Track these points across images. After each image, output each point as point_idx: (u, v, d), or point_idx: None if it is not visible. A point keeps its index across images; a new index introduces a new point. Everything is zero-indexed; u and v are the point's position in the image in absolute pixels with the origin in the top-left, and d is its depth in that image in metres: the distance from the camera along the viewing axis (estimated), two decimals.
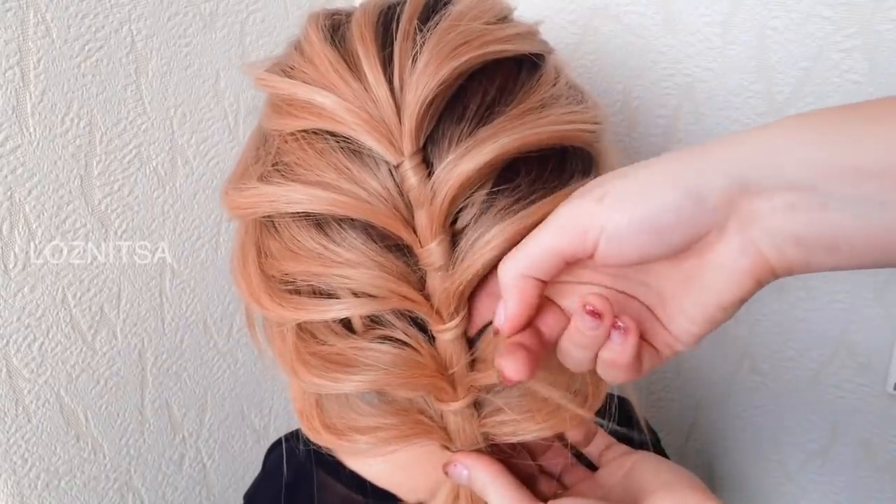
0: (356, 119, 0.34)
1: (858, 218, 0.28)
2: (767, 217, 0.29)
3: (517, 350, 0.33)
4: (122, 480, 0.65)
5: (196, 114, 0.65)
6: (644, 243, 0.31)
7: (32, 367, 0.57)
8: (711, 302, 0.32)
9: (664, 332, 0.34)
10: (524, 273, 0.33)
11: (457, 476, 0.39)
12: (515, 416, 0.38)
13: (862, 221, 0.28)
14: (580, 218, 0.32)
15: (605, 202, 0.31)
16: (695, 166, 0.30)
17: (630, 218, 0.31)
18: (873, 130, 0.28)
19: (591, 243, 0.31)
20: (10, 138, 0.52)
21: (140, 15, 0.59)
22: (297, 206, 0.36)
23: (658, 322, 0.35)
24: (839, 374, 0.69)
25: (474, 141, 0.34)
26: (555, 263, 0.33)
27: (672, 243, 0.31)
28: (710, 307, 0.32)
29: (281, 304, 0.38)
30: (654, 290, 0.34)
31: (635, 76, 0.67)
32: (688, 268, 0.32)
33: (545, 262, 0.33)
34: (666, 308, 0.34)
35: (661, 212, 0.30)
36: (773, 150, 0.29)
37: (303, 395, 0.42)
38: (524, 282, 0.33)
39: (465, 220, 0.35)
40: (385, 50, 0.36)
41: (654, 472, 0.38)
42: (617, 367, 0.34)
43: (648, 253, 0.31)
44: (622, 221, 0.31)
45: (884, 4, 0.56)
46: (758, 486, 0.78)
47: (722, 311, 0.32)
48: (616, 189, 0.32)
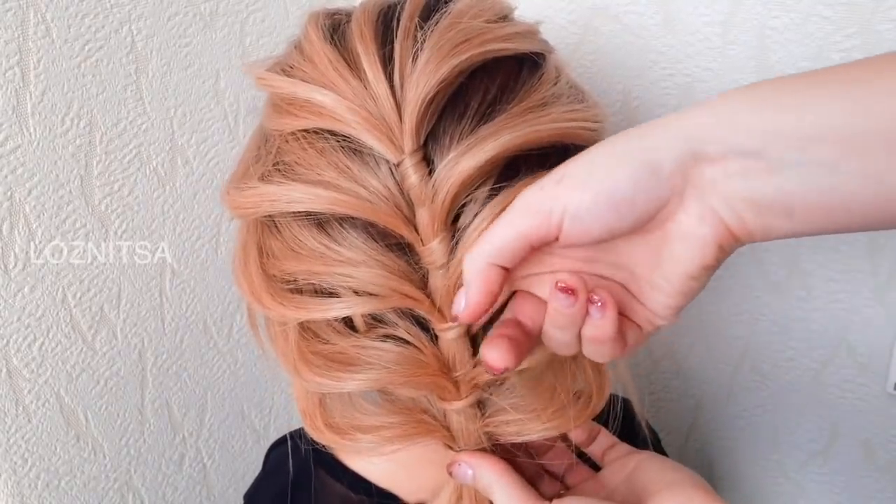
0: (356, 117, 0.34)
1: (808, 182, 0.28)
2: (722, 183, 0.30)
3: (500, 339, 0.34)
4: (122, 480, 0.65)
5: (196, 114, 0.65)
6: (607, 218, 0.31)
7: (32, 367, 0.57)
8: (678, 272, 0.32)
9: (642, 308, 0.35)
10: (490, 261, 0.33)
11: (461, 476, 0.39)
12: (520, 415, 0.38)
13: (811, 185, 0.28)
14: (542, 201, 0.32)
15: (564, 182, 0.32)
16: (649, 139, 0.31)
17: (591, 194, 0.31)
18: (816, 96, 0.28)
19: (556, 224, 0.32)
20: (10, 138, 0.52)
21: (140, 15, 0.59)
22: (298, 205, 0.36)
23: (635, 299, 0.35)
24: (839, 374, 0.69)
25: (476, 138, 0.34)
26: (520, 249, 0.33)
27: (633, 216, 0.31)
28: (678, 277, 0.33)
29: (282, 303, 0.38)
30: (625, 269, 0.35)
31: (635, 76, 0.67)
32: (653, 241, 0.33)
33: (511, 248, 0.33)
34: (639, 284, 0.35)
35: (619, 185, 0.31)
36: (723, 118, 0.30)
37: (306, 394, 0.42)
38: (489, 270, 0.33)
39: (467, 218, 0.35)
40: (385, 48, 0.36)
41: (659, 472, 0.38)
42: (600, 343, 0.34)
43: (612, 228, 0.32)
44: (584, 199, 0.31)
45: (884, 4, 0.56)
46: (757, 485, 0.78)
47: (690, 279, 0.33)
48: (575, 169, 0.32)
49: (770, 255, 0.67)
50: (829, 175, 0.28)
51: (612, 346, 0.34)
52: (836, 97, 0.28)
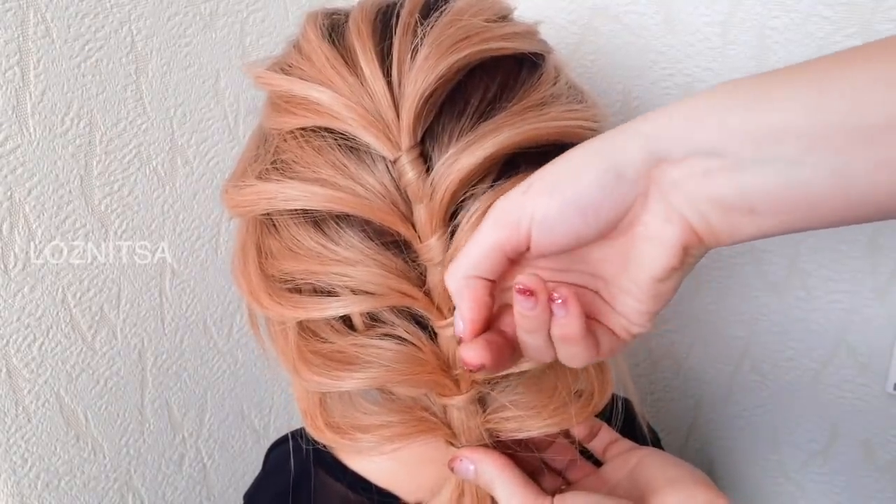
0: (352, 114, 0.34)
1: (771, 179, 0.28)
2: (684, 183, 0.30)
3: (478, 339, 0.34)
4: (122, 480, 0.65)
5: (196, 114, 0.65)
6: (573, 225, 0.31)
7: (32, 367, 0.57)
8: (645, 275, 0.32)
9: (616, 316, 0.35)
10: (469, 274, 0.33)
11: (463, 471, 0.39)
12: (520, 412, 0.38)
13: (775, 182, 0.28)
14: (510, 211, 0.32)
15: (531, 191, 0.32)
16: (612, 143, 0.31)
17: (556, 201, 0.31)
18: (776, 92, 0.28)
19: (525, 233, 0.32)
20: (10, 138, 0.52)
21: (140, 15, 0.59)
22: (295, 203, 0.36)
23: (609, 306, 0.35)
24: (839, 374, 0.69)
25: (476, 135, 0.34)
26: (496, 259, 0.33)
27: (600, 221, 0.31)
28: (645, 281, 0.33)
29: (281, 302, 0.38)
30: (598, 276, 0.35)
31: (635, 76, 0.67)
32: (621, 245, 0.33)
33: (486, 259, 0.33)
34: (611, 290, 0.34)
35: (584, 191, 0.31)
36: (683, 119, 0.30)
37: (306, 394, 0.42)
38: (472, 282, 0.33)
39: (466, 215, 0.35)
40: (383, 44, 0.36)
41: (661, 469, 0.38)
42: (570, 343, 0.34)
43: (580, 234, 0.32)
44: (550, 206, 0.31)
45: (884, 4, 0.56)
46: (757, 485, 0.78)
47: (658, 283, 0.32)
48: (541, 177, 0.32)
49: (770, 255, 0.67)
50: (792, 171, 0.28)
51: (584, 348, 0.34)
52: (796, 92, 0.28)
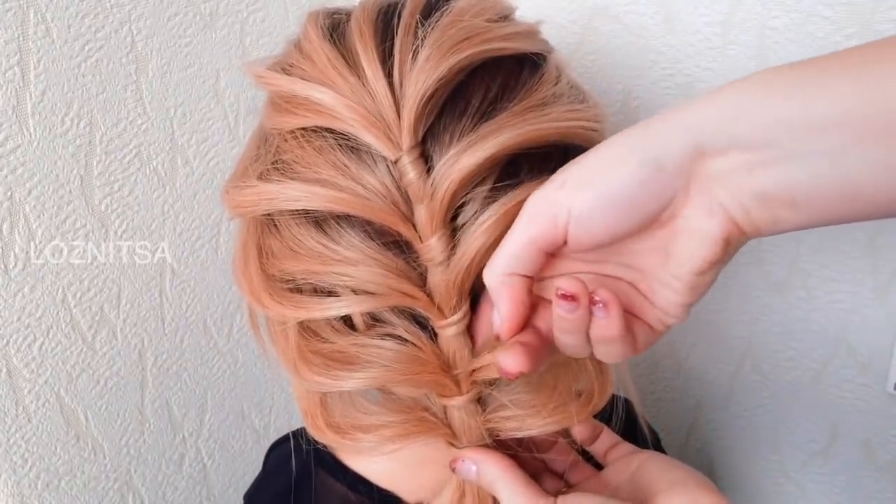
0: (353, 114, 0.34)
1: (815, 171, 0.28)
2: (727, 177, 0.30)
3: (514, 345, 0.33)
4: (122, 480, 0.65)
5: (196, 114, 0.65)
6: (610, 220, 0.31)
7: (32, 367, 0.57)
8: (686, 268, 0.32)
9: (652, 308, 0.35)
10: (506, 272, 0.33)
11: (465, 472, 0.38)
12: (520, 411, 0.38)
13: (819, 174, 0.28)
14: (547, 206, 0.32)
15: (566, 186, 0.32)
16: (651, 135, 0.31)
17: (592, 196, 0.31)
18: (820, 83, 0.28)
19: (562, 229, 0.32)
20: (10, 138, 0.52)
21: (140, 15, 0.59)
22: (296, 203, 0.36)
23: (645, 298, 0.35)
24: (839, 374, 0.69)
25: (477, 136, 0.34)
26: (534, 255, 0.33)
27: (638, 215, 0.31)
28: (686, 275, 0.32)
29: (282, 302, 0.38)
30: (635, 268, 0.34)
31: (635, 76, 0.67)
32: (660, 239, 0.32)
33: (523, 255, 0.33)
34: (649, 283, 0.34)
35: (621, 185, 0.31)
36: (724, 111, 0.29)
37: (307, 394, 0.42)
38: (510, 280, 0.33)
39: (467, 216, 0.35)
40: (384, 45, 0.36)
41: (663, 472, 0.38)
42: (610, 343, 0.33)
43: (617, 229, 0.31)
44: (585, 201, 0.31)
45: (884, 4, 0.56)
46: (757, 485, 0.78)
47: (698, 275, 0.32)
48: (576, 172, 0.32)
49: (770, 255, 0.67)
50: (837, 163, 0.27)
51: (622, 345, 0.34)
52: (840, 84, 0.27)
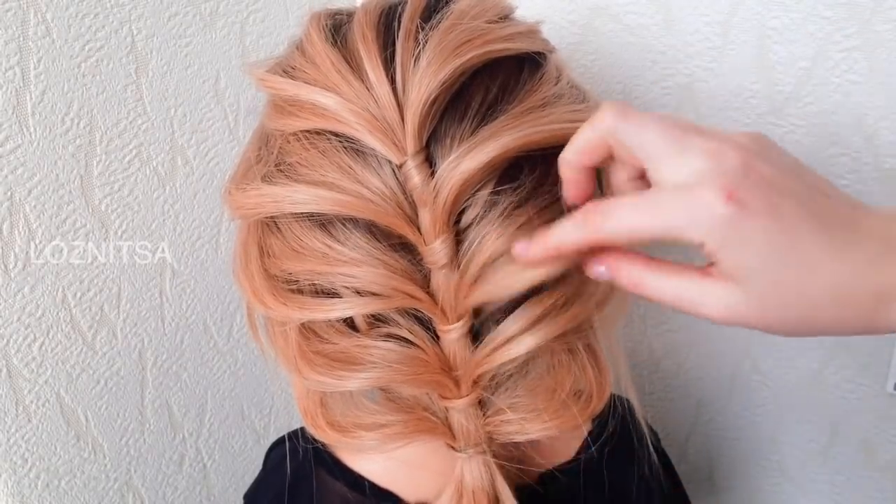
0: (358, 119, 0.34)
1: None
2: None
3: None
4: (122, 480, 0.65)
5: (196, 114, 0.65)
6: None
7: (32, 367, 0.57)
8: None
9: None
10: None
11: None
12: (520, 415, 0.38)
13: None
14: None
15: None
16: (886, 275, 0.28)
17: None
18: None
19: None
20: (10, 138, 0.52)
21: (140, 15, 0.59)
22: (302, 206, 0.36)
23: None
24: (839, 374, 0.69)
25: (476, 139, 0.34)
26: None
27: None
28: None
29: (285, 303, 0.38)
30: None
31: (635, 76, 0.67)
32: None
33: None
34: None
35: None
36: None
37: (307, 393, 0.42)
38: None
39: (469, 219, 0.35)
40: (387, 49, 0.35)
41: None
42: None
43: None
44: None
45: (884, 4, 0.56)
46: (757, 485, 0.78)
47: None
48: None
49: None
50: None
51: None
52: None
